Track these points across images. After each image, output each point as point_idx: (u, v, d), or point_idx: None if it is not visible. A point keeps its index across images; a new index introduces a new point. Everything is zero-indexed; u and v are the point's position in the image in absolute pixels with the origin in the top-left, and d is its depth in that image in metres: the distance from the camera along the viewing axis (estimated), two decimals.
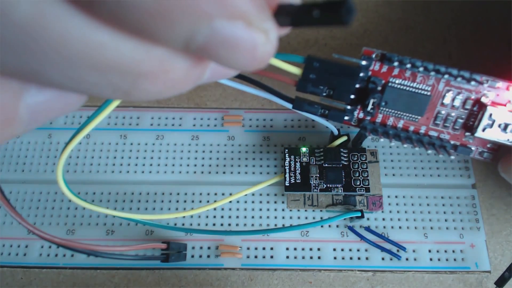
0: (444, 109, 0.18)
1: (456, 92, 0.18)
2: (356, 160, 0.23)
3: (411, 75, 0.18)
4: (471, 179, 0.26)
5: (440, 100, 0.18)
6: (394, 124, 0.19)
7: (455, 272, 0.24)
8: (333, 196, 0.24)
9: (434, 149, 0.18)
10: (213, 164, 0.26)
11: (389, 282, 0.24)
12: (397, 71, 0.18)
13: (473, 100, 0.18)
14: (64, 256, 0.24)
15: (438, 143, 0.18)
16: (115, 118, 0.28)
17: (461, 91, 0.18)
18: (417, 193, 0.25)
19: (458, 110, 0.18)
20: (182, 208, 0.25)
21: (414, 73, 0.18)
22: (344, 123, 0.19)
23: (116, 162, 0.26)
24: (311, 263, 0.24)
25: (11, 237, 0.25)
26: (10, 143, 0.27)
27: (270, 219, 0.25)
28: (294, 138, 0.27)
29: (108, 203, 0.25)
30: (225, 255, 0.24)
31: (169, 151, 0.27)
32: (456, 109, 0.18)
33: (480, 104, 0.18)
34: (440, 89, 0.18)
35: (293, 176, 0.23)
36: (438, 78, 0.17)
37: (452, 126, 0.18)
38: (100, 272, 0.24)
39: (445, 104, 0.18)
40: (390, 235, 0.25)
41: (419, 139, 0.18)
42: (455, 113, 0.18)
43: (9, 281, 0.24)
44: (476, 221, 0.25)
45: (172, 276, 0.24)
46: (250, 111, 0.28)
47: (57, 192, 0.26)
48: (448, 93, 0.18)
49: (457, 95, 0.18)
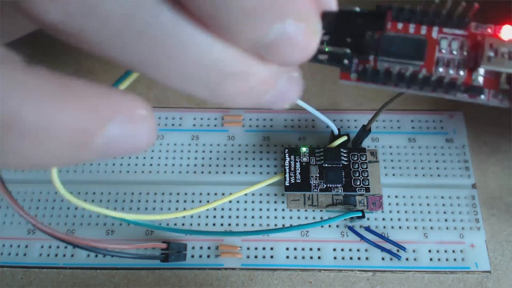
0: (443, 55, 0.17)
1: (451, 38, 0.17)
2: (356, 160, 0.23)
3: (403, 27, 0.17)
4: (471, 179, 0.26)
5: (437, 47, 0.17)
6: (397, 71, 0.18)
7: (455, 272, 0.24)
8: (333, 196, 0.24)
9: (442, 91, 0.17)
10: (213, 164, 0.26)
11: (389, 282, 0.24)
12: (389, 24, 0.17)
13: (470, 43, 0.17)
14: (64, 256, 0.24)
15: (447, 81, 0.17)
16: None
17: (456, 37, 0.17)
18: (417, 193, 0.25)
19: (458, 55, 0.17)
20: (182, 208, 0.25)
21: (406, 24, 0.17)
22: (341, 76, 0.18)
23: (116, 162, 0.26)
24: (311, 263, 0.24)
25: (11, 237, 0.25)
26: None
27: (270, 219, 0.25)
28: (294, 138, 0.27)
29: (108, 203, 0.25)
30: (225, 255, 0.24)
31: (169, 151, 0.27)
32: (456, 54, 0.17)
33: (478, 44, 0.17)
34: (434, 37, 0.17)
35: (293, 176, 0.23)
36: (429, 27, 0.17)
37: (456, 71, 0.17)
38: (100, 272, 0.24)
39: (443, 49, 0.17)
40: (390, 235, 0.25)
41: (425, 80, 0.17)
42: (456, 57, 0.17)
43: (9, 281, 0.24)
44: (476, 221, 0.25)
45: (172, 276, 0.24)
46: (250, 111, 0.28)
47: (57, 192, 0.26)
48: (443, 40, 0.17)
49: (452, 41, 0.17)
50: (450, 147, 0.27)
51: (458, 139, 0.27)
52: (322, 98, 0.28)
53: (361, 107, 0.28)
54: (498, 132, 0.27)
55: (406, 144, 0.27)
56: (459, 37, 0.17)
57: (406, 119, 0.27)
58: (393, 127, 0.27)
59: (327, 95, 0.28)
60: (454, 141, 0.27)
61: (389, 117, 0.28)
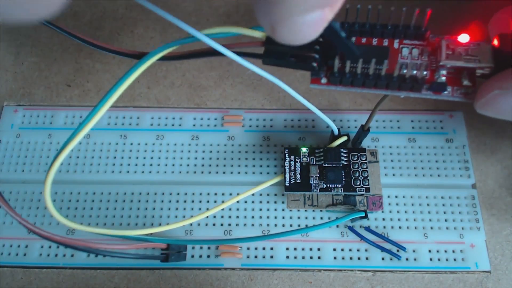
0: (406, 60, 0.18)
1: (411, 47, 0.18)
2: (356, 160, 0.23)
3: (367, 41, 0.18)
4: (471, 179, 0.26)
5: (399, 54, 0.18)
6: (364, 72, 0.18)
7: (455, 272, 0.24)
8: (333, 196, 0.24)
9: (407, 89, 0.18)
10: (213, 164, 0.26)
11: (389, 282, 0.24)
12: (353, 39, 0.18)
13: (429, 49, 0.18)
14: (64, 256, 0.24)
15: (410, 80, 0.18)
16: (115, 118, 0.28)
17: (415, 46, 0.18)
18: (417, 193, 0.26)
19: (419, 60, 0.18)
20: (182, 208, 0.25)
21: (369, 39, 0.18)
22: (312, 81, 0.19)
23: (116, 162, 0.26)
24: (311, 263, 0.24)
25: (11, 237, 0.25)
26: (10, 143, 0.27)
27: (270, 219, 0.25)
28: (294, 138, 0.27)
29: (108, 203, 0.25)
30: (225, 255, 0.24)
31: (169, 151, 0.27)
32: (417, 59, 0.18)
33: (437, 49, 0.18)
34: (396, 47, 0.18)
35: (293, 176, 0.23)
36: (391, 40, 0.18)
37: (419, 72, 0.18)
38: (100, 272, 0.24)
39: (405, 56, 0.18)
40: (390, 235, 0.25)
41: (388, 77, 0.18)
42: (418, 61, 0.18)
43: (9, 281, 0.24)
44: (476, 221, 0.25)
45: (172, 276, 0.24)
46: (250, 111, 0.28)
47: (57, 192, 0.26)
48: (404, 49, 0.18)
49: (413, 49, 0.18)
50: (450, 147, 0.27)
51: (458, 139, 0.27)
52: (322, 98, 0.28)
53: (360, 107, 0.28)
54: (498, 132, 0.27)
55: (406, 144, 0.27)
56: (419, 46, 0.18)
57: (406, 119, 0.27)
58: (393, 127, 0.27)
59: (327, 95, 0.28)
60: (454, 141, 0.27)
61: (389, 117, 0.28)
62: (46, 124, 0.27)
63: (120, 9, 0.31)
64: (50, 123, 0.27)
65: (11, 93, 0.28)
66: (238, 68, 0.29)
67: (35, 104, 0.28)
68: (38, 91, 0.29)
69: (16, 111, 0.28)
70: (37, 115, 0.28)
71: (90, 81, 0.29)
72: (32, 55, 0.30)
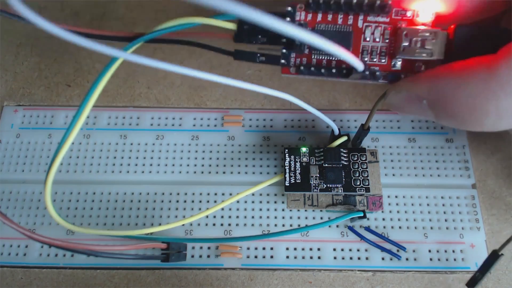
0: (367, 43, 0.19)
1: (374, 26, 0.19)
2: (356, 160, 0.23)
3: (333, 18, 0.19)
4: (471, 179, 0.26)
5: (362, 36, 0.19)
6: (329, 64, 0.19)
7: (455, 272, 0.24)
8: (333, 196, 0.24)
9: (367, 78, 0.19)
10: (213, 164, 0.26)
11: (389, 282, 0.24)
12: (320, 16, 0.19)
13: (390, 30, 0.19)
14: (64, 256, 0.24)
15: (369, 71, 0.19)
16: (115, 118, 0.28)
17: (378, 25, 0.19)
18: (417, 193, 0.26)
19: (380, 43, 0.19)
20: (182, 208, 0.25)
21: (335, 15, 0.19)
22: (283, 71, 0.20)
23: (116, 162, 0.26)
24: (311, 263, 0.24)
25: (11, 237, 0.25)
26: (10, 143, 0.27)
27: (270, 219, 0.25)
28: (294, 138, 0.27)
29: (108, 203, 0.25)
30: (225, 255, 0.24)
31: (169, 151, 0.27)
32: (378, 42, 0.19)
33: (397, 31, 0.19)
34: (360, 26, 0.19)
35: (293, 176, 0.23)
36: (356, 15, 0.18)
37: (378, 58, 0.19)
38: (100, 272, 0.24)
39: (367, 39, 0.19)
40: (390, 235, 0.25)
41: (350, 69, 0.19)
42: (378, 45, 0.19)
43: (9, 281, 0.24)
44: (476, 221, 0.25)
45: (172, 276, 0.24)
46: (250, 111, 0.28)
47: (57, 192, 0.26)
48: (368, 29, 0.19)
49: (376, 29, 0.19)
50: (450, 147, 0.27)
51: (458, 139, 0.27)
52: (322, 98, 0.28)
53: (360, 107, 0.28)
54: (498, 132, 0.27)
55: (406, 144, 0.27)
56: (382, 24, 0.19)
57: (406, 119, 0.27)
58: (393, 127, 0.27)
59: (327, 95, 0.28)
60: (454, 141, 0.27)
61: (389, 117, 0.28)
62: (46, 124, 0.27)
63: (120, 9, 0.31)
64: (50, 123, 0.27)
65: (11, 93, 0.28)
66: (238, 68, 0.29)
67: (35, 104, 0.28)
68: (38, 91, 0.29)
69: (16, 111, 0.28)
70: (37, 115, 0.28)
71: (90, 81, 0.29)
72: (32, 55, 0.30)
